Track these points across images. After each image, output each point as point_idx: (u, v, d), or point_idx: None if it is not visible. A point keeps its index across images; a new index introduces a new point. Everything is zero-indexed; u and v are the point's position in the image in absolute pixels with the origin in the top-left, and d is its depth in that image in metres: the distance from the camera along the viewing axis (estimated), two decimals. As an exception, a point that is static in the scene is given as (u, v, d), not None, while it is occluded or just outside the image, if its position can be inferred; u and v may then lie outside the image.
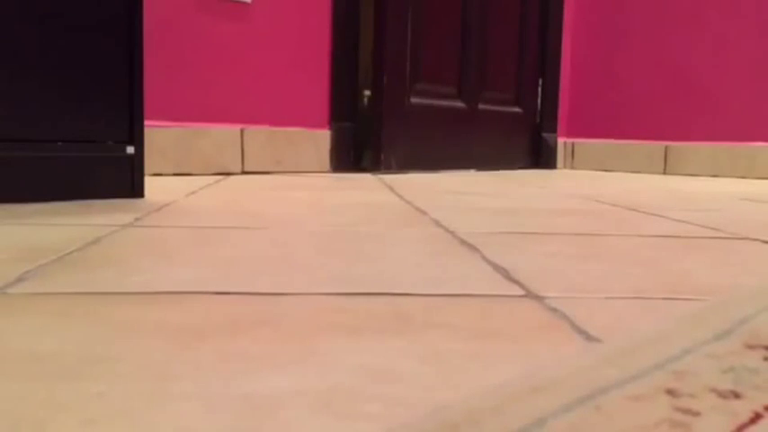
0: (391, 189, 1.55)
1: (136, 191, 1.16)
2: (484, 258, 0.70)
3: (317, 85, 2.09)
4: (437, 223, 0.96)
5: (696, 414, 0.30)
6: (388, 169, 2.16)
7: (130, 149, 1.15)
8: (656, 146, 2.68)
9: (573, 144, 2.89)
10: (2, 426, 0.28)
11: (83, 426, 0.29)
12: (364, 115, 2.22)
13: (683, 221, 1.07)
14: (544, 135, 2.78)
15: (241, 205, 1.13)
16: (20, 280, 0.55)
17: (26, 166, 1.06)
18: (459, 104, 2.45)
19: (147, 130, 1.20)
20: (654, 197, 1.53)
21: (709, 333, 0.42)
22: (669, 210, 1.24)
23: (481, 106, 2.52)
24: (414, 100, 2.27)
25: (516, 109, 2.69)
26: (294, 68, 2.04)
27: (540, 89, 2.76)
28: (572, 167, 2.90)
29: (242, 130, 1.92)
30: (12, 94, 1.04)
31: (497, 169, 2.57)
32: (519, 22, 2.64)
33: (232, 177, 1.79)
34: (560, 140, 2.87)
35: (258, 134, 1.96)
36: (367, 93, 2.21)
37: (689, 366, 0.36)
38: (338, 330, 0.43)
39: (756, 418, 0.30)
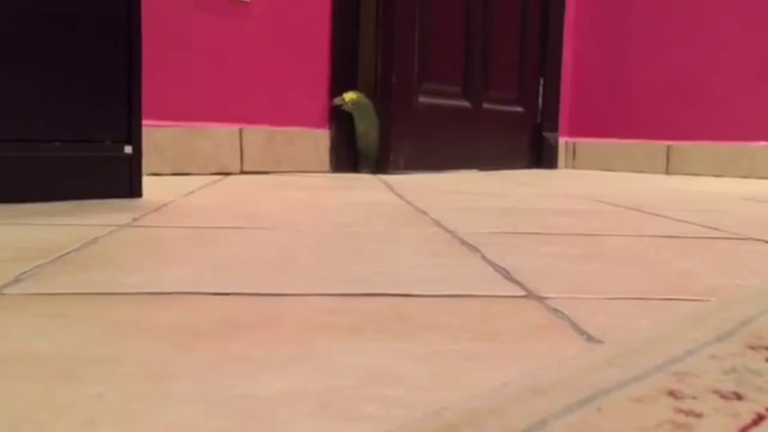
0: (391, 189, 1.55)
1: (134, 191, 1.16)
2: (484, 258, 0.69)
3: (316, 85, 2.09)
4: (437, 223, 0.96)
5: (698, 415, 0.30)
6: (397, 169, 2.15)
7: (128, 149, 1.15)
8: (658, 145, 2.68)
9: (574, 144, 2.89)
10: (1, 427, 0.28)
11: (82, 426, 0.28)
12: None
13: (685, 221, 1.06)
14: (545, 134, 2.78)
15: (240, 205, 1.13)
16: (17, 281, 0.55)
17: (24, 165, 1.06)
18: (464, 104, 2.44)
19: (145, 130, 1.20)
20: (655, 197, 1.53)
21: (711, 334, 0.42)
22: (671, 210, 1.24)
23: (485, 105, 2.52)
24: (421, 99, 2.26)
25: (518, 108, 2.68)
26: (294, 68, 2.03)
27: (541, 88, 2.76)
28: (573, 167, 2.89)
29: (241, 130, 1.92)
30: (9, 94, 1.04)
31: (499, 169, 2.56)
32: (520, 19, 2.63)
33: (231, 177, 1.78)
34: (561, 140, 2.87)
35: (257, 134, 1.96)
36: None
37: (691, 367, 0.36)
38: (337, 331, 0.43)
39: (759, 419, 0.30)
